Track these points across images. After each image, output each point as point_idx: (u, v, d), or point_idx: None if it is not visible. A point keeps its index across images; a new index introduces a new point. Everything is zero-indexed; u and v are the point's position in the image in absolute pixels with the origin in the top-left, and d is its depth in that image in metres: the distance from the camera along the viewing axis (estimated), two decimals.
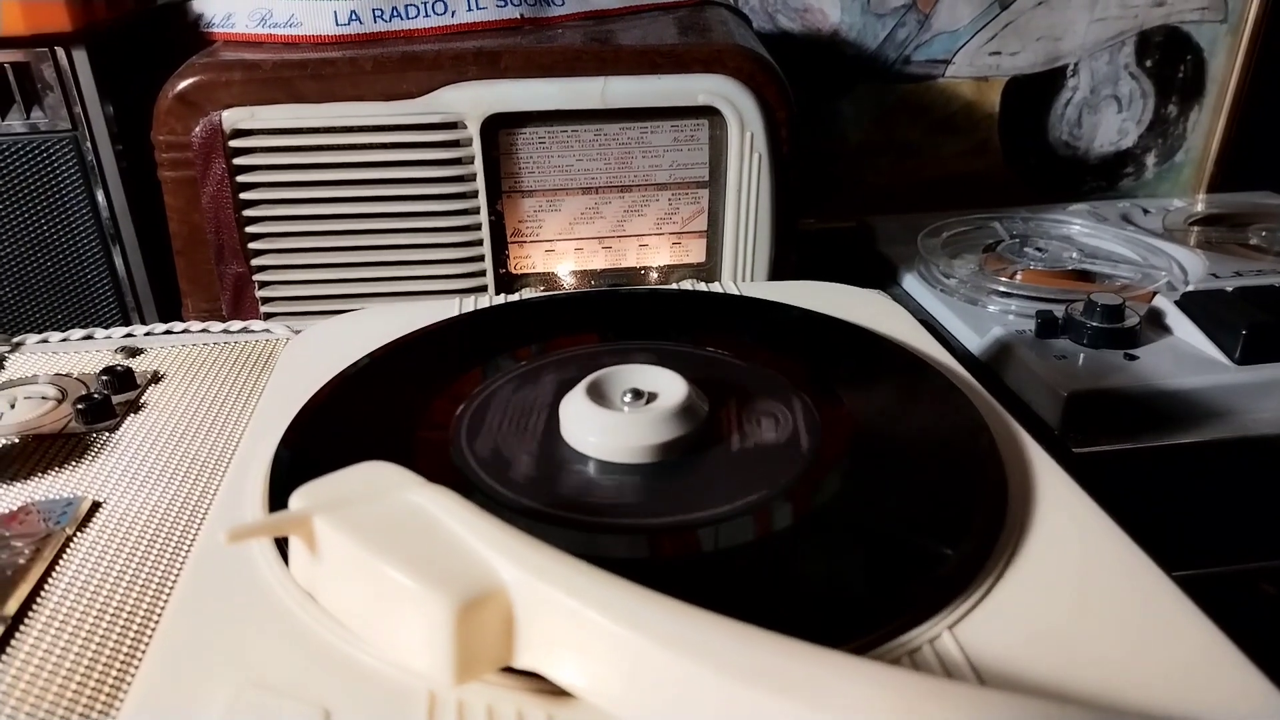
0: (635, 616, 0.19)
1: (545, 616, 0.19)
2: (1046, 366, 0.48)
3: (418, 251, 0.53)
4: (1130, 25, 0.72)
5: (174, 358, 0.39)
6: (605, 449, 0.28)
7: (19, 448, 0.33)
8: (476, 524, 0.21)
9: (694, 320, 0.38)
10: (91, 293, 0.53)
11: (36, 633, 0.25)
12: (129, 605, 0.26)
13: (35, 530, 0.29)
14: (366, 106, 0.49)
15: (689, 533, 0.26)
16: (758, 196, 0.53)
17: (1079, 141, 0.76)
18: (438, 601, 0.19)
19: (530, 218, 0.54)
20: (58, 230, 0.51)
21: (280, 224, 0.51)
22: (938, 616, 0.23)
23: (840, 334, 0.36)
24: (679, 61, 0.51)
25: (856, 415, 0.31)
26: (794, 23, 0.70)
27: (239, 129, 0.49)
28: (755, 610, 0.19)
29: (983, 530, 0.25)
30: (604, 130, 0.52)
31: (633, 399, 0.29)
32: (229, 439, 0.34)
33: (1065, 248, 0.63)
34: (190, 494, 0.31)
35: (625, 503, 0.27)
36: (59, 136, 0.49)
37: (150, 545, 0.28)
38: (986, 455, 0.28)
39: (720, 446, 0.29)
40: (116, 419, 0.35)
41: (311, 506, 0.21)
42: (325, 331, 0.37)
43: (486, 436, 0.30)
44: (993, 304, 0.57)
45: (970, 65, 0.72)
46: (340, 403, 0.31)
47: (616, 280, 0.56)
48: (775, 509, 0.26)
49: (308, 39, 0.51)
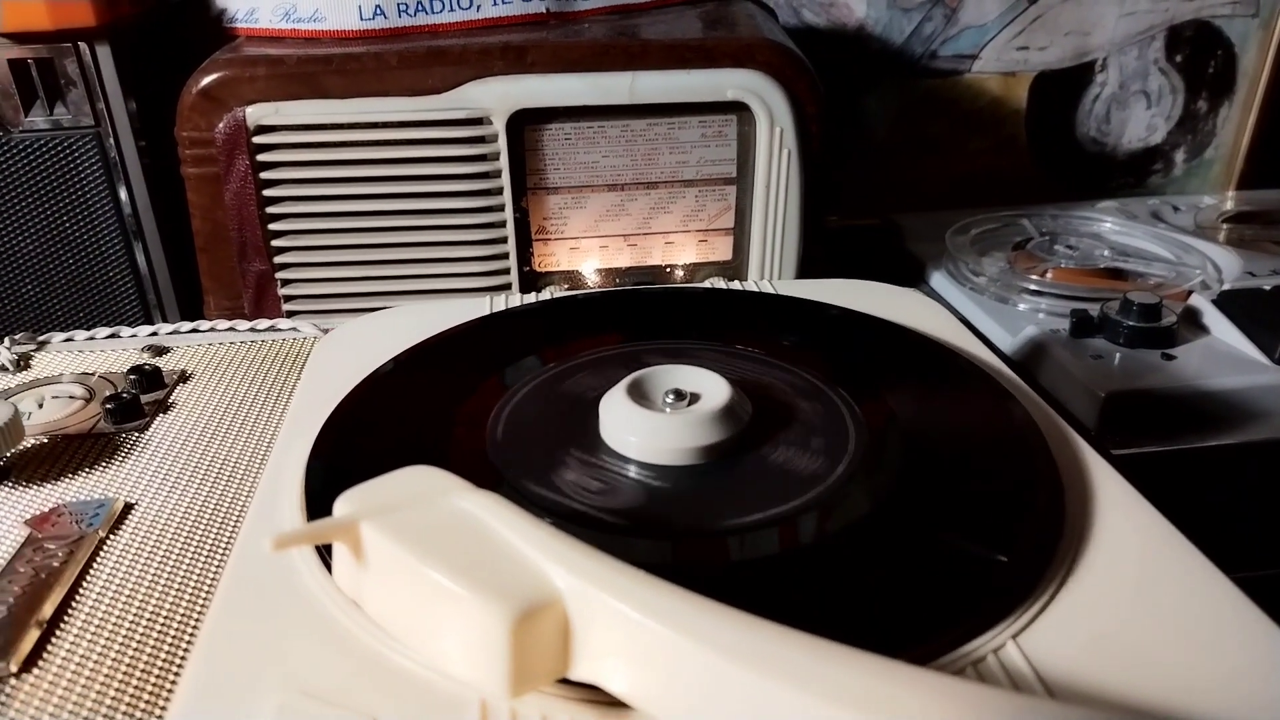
0: (698, 627, 0.18)
1: (603, 626, 0.19)
2: (1083, 366, 0.48)
3: (441, 249, 0.52)
4: (1160, 20, 0.71)
5: (201, 357, 0.39)
6: (647, 450, 0.28)
7: (48, 448, 0.33)
8: (528, 530, 0.20)
9: (731, 319, 0.38)
10: (114, 290, 0.52)
11: (73, 637, 0.25)
12: (165, 609, 0.26)
13: (68, 532, 0.28)
14: (391, 102, 0.49)
15: (736, 538, 0.25)
16: (787, 193, 0.52)
17: (1107, 138, 0.75)
18: (494, 612, 0.18)
19: (555, 215, 0.53)
20: (80, 227, 0.51)
21: (303, 221, 0.51)
22: (1001, 625, 0.22)
23: (883, 334, 0.36)
24: (708, 56, 0.50)
25: (904, 417, 0.30)
26: (819, 17, 0.69)
27: (263, 125, 0.48)
28: (810, 619, 0.19)
29: (1042, 536, 0.25)
30: (631, 126, 0.51)
31: (674, 400, 0.29)
32: (260, 439, 0.33)
33: (1096, 245, 0.62)
34: (223, 496, 0.30)
35: (669, 506, 0.26)
36: (82, 133, 0.49)
37: (185, 548, 0.28)
38: (1041, 459, 0.28)
39: (765, 449, 0.28)
40: (145, 419, 0.34)
41: (357, 512, 0.21)
42: (354, 331, 0.37)
43: (524, 437, 0.29)
44: (1023, 302, 0.56)
45: (998, 60, 0.71)
46: (373, 404, 0.31)
47: (641, 278, 0.56)
48: (826, 514, 0.26)
49: (332, 34, 0.51)
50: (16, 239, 0.50)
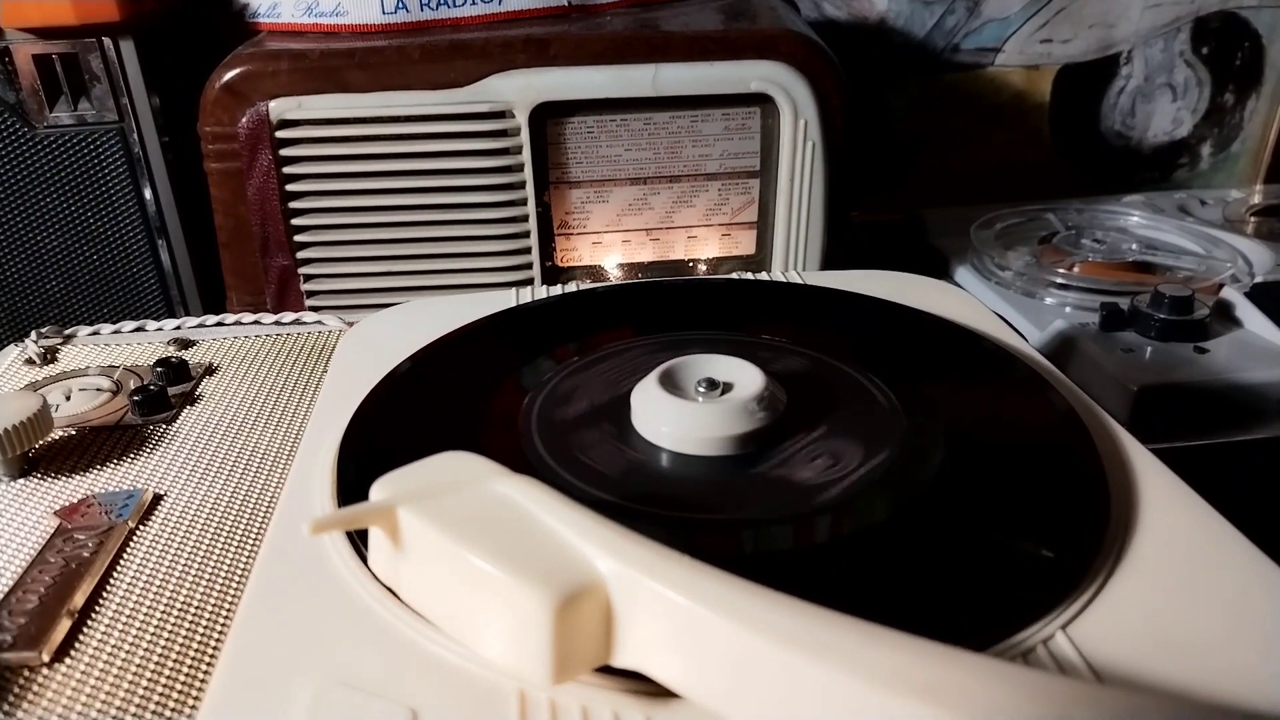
0: (747, 611, 0.18)
1: (647, 612, 0.18)
2: (1114, 360, 0.47)
3: (464, 244, 0.52)
4: (1186, 11, 0.70)
5: (226, 349, 0.39)
6: (681, 440, 0.27)
7: (76, 439, 0.33)
8: (568, 515, 0.20)
9: (760, 310, 0.37)
10: (137, 285, 0.52)
11: (104, 627, 0.24)
12: (196, 600, 0.25)
13: (98, 523, 0.28)
14: (414, 96, 0.48)
15: (774, 528, 0.25)
16: (811, 186, 0.52)
17: (1132, 131, 0.74)
18: (535, 597, 0.18)
19: (578, 209, 0.53)
20: (104, 222, 0.51)
21: (326, 215, 0.50)
22: (1050, 616, 0.21)
23: (917, 324, 0.35)
24: (731, 48, 0.49)
25: (941, 408, 0.29)
26: (840, 10, 0.69)
27: (286, 119, 0.48)
28: (857, 608, 0.18)
29: (1088, 526, 0.24)
30: (654, 119, 0.51)
31: (707, 389, 0.28)
32: (287, 431, 0.33)
33: (1123, 239, 0.61)
34: (252, 487, 0.30)
35: (707, 495, 0.26)
36: (106, 128, 0.49)
37: (215, 538, 0.28)
38: (1084, 448, 0.27)
39: (801, 439, 0.28)
40: (172, 411, 0.34)
41: (395, 497, 0.20)
42: (380, 323, 0.37)
43: (554, 427, 0.29)
44: (1050, 296, 0.55)
45: (1021, 53, 0.70)
46: (403, 394, 0.31)
47: (664, 273, 0.55)
48: (869, 504, 0.25)
49: (354, 28, 0.50)
50: (41, 234, 0.50)
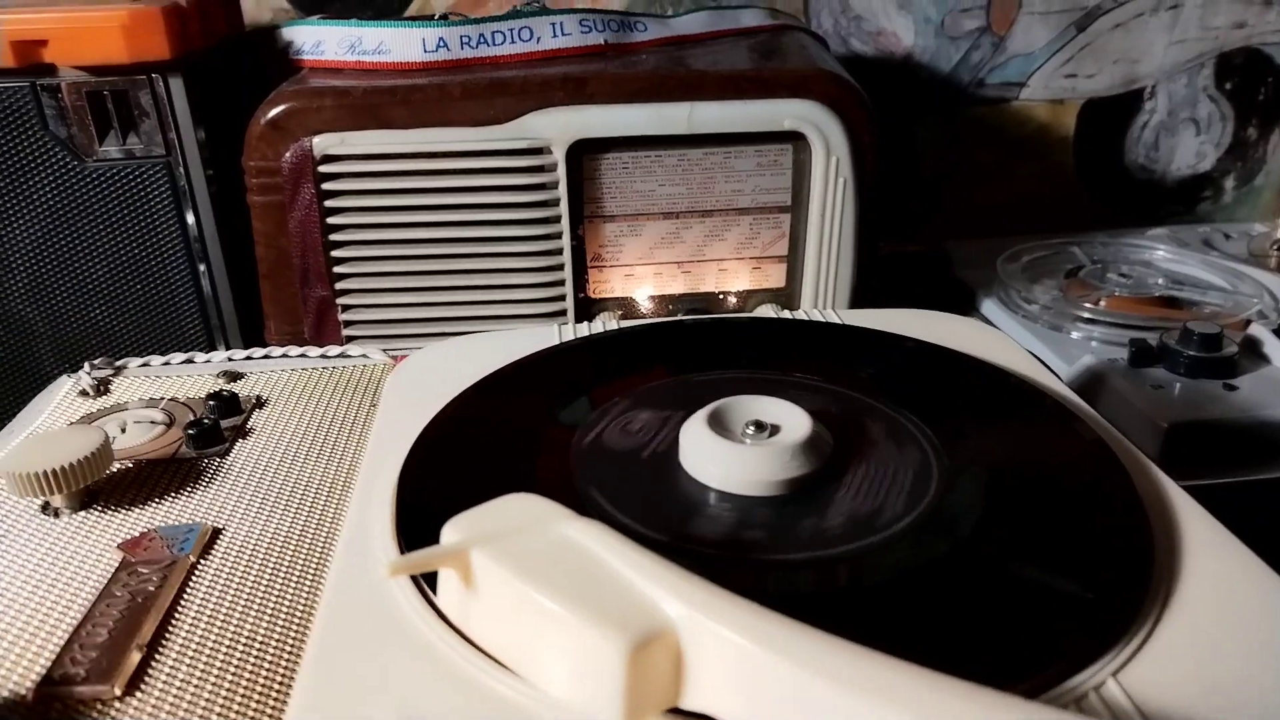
0: (811, 656, 0.18)
1: (715, 656, 0.19)
2: (1143, 396, 0.47)
3: (500, 276, 0.53)
4: (1210, 47, 0.71)
5: (274, 382, 0.40)
6: (731, 481, 0.28)
7: (133, 473, 0.33)
8: (635, 558, 0.20)
9: (801, 349, 0.38)
10: (178, 313, 0.54)
11: (172, 660, 0.25)
12: (260, 634, 0.26)
13: (161, 557, 0.29)
14: (454, 132, 0.49)
15: (822, 570, 0.25)
16: (841, 221, 0.52)
17: (1156, 165, 0.75)
18: (610, 641, 0.18)
19: (611, 242, 0.54)
20: (148, 253, 0.52)
21: (365, 248, 0.51)
22: (1100, 662, 0.22)
23: (955, 365, 0.36)
24: (765, 86, 0.50)
25: (983, 450, 0.30)
26: (867, 46, 0.70)
27: (329, 154, 0.49)
28: (910, 652, 0.19)
29: (1134, 571, 0.25)
30: (687, 155, 0.52)
31: (755, 431, 0.29)
32: (339, 464, 0.34)
33: (1149, 274, 0.61)
34: (309, 521, 0.31)
35: (755, 537, 0.26)
36: (153, 162, 0.50)
37: (275, 573, 0.28)
38: (1125, 492, 0.27)
39: (846, 482, 0.28)
40: (226, 444, 0.35)
41: (467, 540, 0.21)
42: (428, 359, 0.37)
43: (605, 465, 0.29)
44: (1077, 330, 0.56)
45: (1045, 88, 0.71)
46: (456, 432, 0.31)
47: (694, 305, 0.56)
48: (916, 547, 0.26)
49: (395, 65, 0.52)
50: (87, 264, 0.51)
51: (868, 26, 0.69)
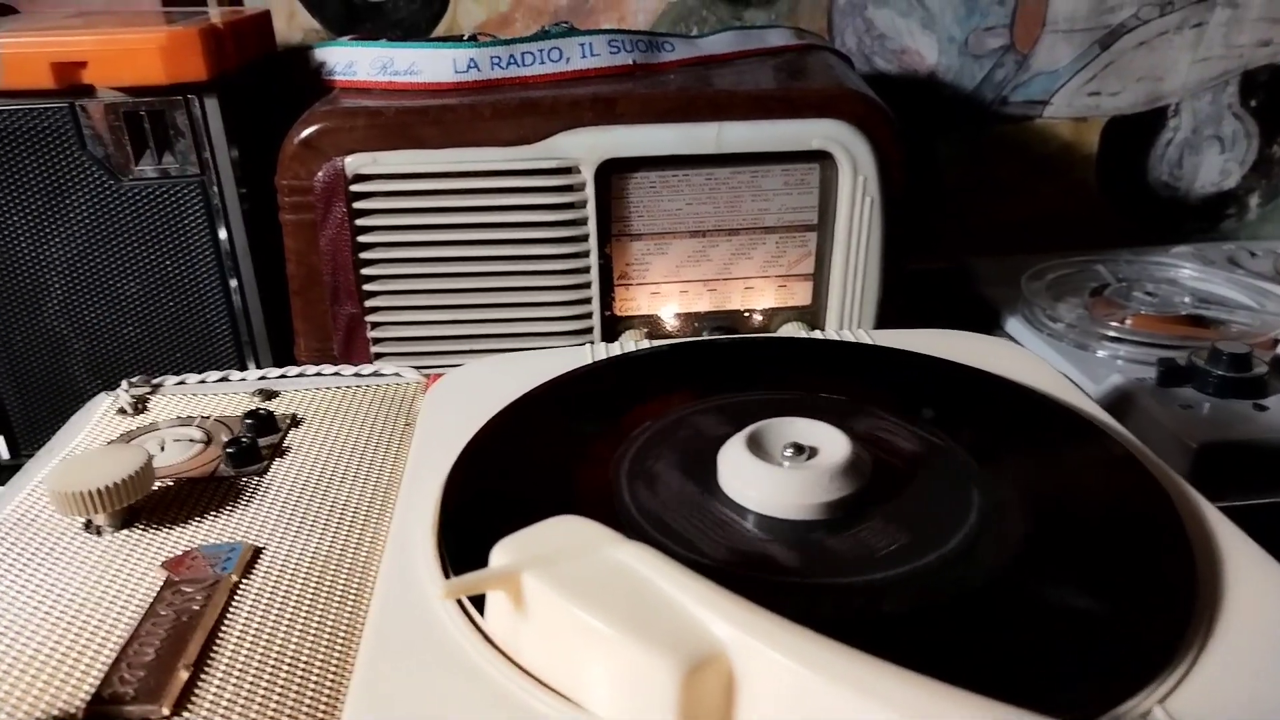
0: (863, 681, 0.18)
1: (767, 680, 0.19)
2: (1172, 416, 0.47)
3: (527, 294, 0.53)
4: (1234, 65, 0.71)
5: (309, 401, 0.40)
6: (769, 504, 0.28)
7: (173, 491, 0.34)
8: (685, 582, 0.20)
9: (835, 370, 0.38)
10: (210, 330, 0.54)
11: (219, 680, 0.25)
12: (305, 654, 0.26)
13: (203, 576, 0.29)
14: (484, 152, 0.50)
15: (869, 595, 0.25)
16: (868, 240, 0.53)
17: (1180, 182, 0.75)
18: (663, 665, 0.19)
19: (638, 260, 0.54)
20: (181, 270, 0.52)
21: (395, 266, 0.52)
22: (1146, 690, 0.22)
23: (991, 388, 0.36)
24: (793, 106, 0.51)
25: (1023, 475, 0.30)
26: (891, 64, 0.70)
27: (361, 173, 0.50)
28: (956, 679, 0.19)
29: (1178, 597, 0.25)
30: (715, 174, 0.52)
31: (793, 453, 0.29)
32: (377, 483, 0.34)
33: (1175, 292, 0.61)
34: (348, 540, 0.31)
35: (793, 560, 0.26)
36: (188, 181, 0.51)
37: (317, 593, 0.29)
38: (1167, 517, 0.27)
39: (886, 506, 0.28)
40: (263, 463, 0.35)
41: (518, 562, 0.21)
42: (462, 378, 0.38)
43: (644, 487, 0.29)
44: (1103, 349, 0.56)
45: (1069, 106, 0.71)
46: (495, 452, 0.32)
47: (720, 323, 0.56)
48: (959, 573, 0.26)
49: (427, 86, 0.52)
50: (121, 282, 0.52)
51: (891, 45, 0.70)
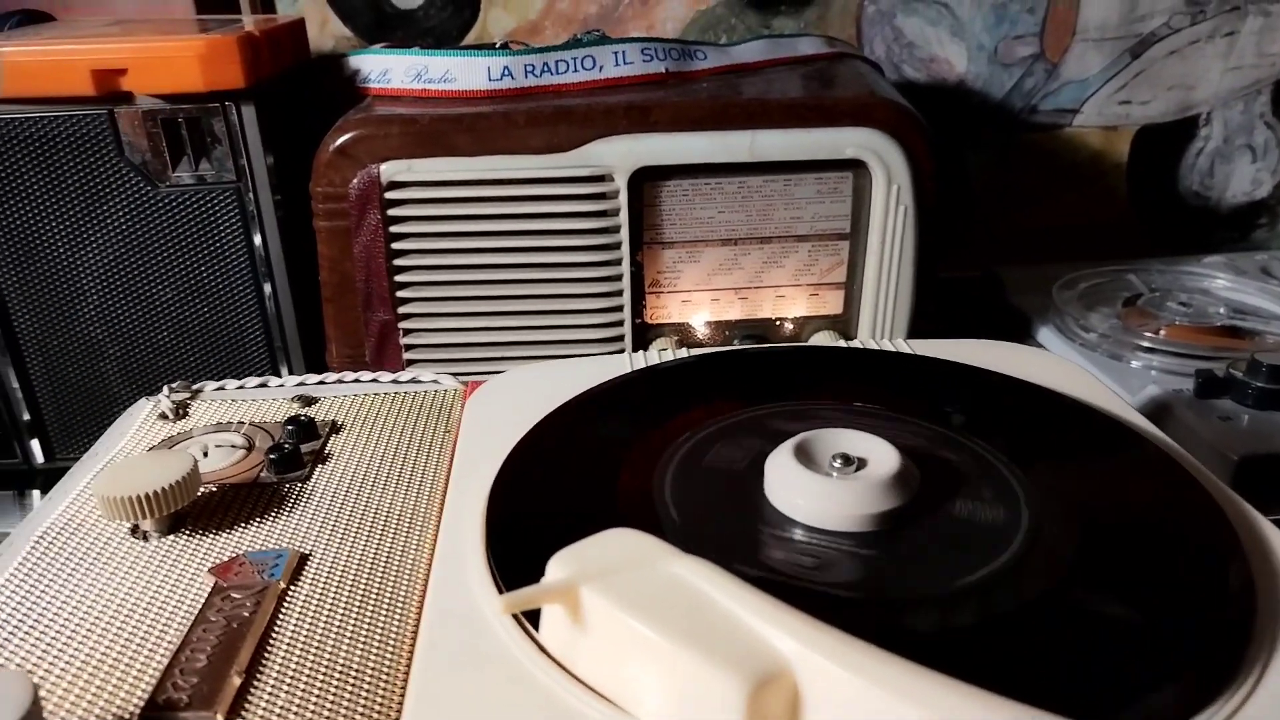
0: (931, 698, 0.18)
1: (832, 697, 0.19)
2: (1211, 428, 0.47)
3: (559, 302, 0.53)
4: (1266, 74, 0.71)
5: (347, 407, 0.40)
6: (818, 515, 0.28)
7: (217, 497, 0.34)
8: (745, 597, 0.20)
9: (877, 381, 0.38)
10: (243, 336, 0.54)
11: (271, 686, 0.25)
12: (355, 662, 0.26)
13: (252, 582, 0.29)
14: (518, 160, 0.50)
15: (918, 609, 0.25)
16: (901, 248, 0.52)
17: (1210, 192, 0.74)
18: (730, 682, 0.19)
19: (669, 269, 0.54)
20: (216, 276, 0.53)
21: (428, 273, 0.52)
22: (1213, 708, 0.22)
23: (1036, 398, 0.35)
24: (827, 115, 0.51)
25: (1071, 487, 0.30)
26: (920, 73, 0.70)
27: (395, 181, 0.50)
28: (1015, 697, 0.19)
29: (1238, 615, 0.24)
30: (747, 183, 0.52)
31: (842, 464, 0.29)
32: (419, 490, 0.34)
33: (1209, 302, 0.61)
34: (393, 547, 0.31)
35: (843, 573, 0.26)
36: (224, 188, 0.51)
37: (364, 600, 0.29)
38: (1223, 530, 0.27)
39: (935, 517, 0.28)
40: (306, 469, 0.35)
41: (575, 576, 0.21)
42: (503, 385, 0.38)
43: (690, 497, 0.29)
44: (1137, 360, 0.55)
45: (1099, 114, 0.71)
46: (538, 459, 0.32)
47: (750, 332, 0.56)
48: (1010, 587, 0.25)
49: (461, 94, 0.52)
50: (156, 287, 0.52)
51: (920, 54, 0.69)
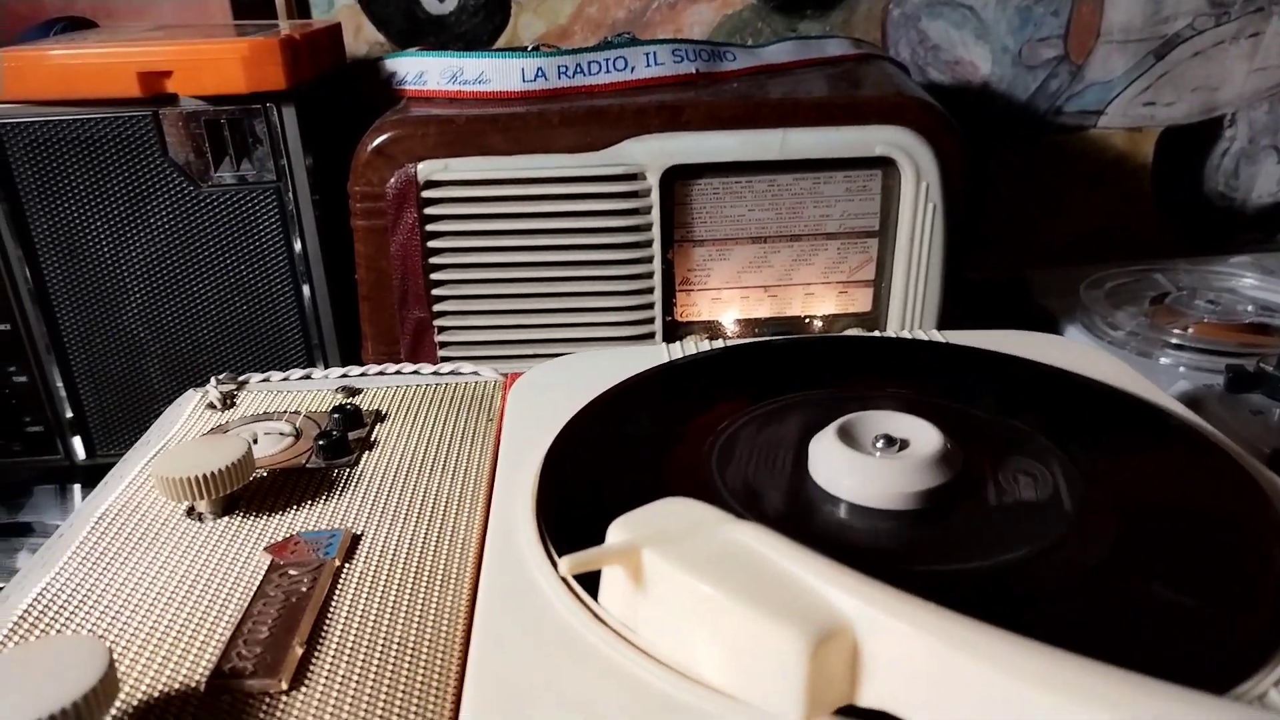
0: (993, 652, 0.19)
1: (892, 652, 0.19)
2: (1243, 422, 0.47)
3: (591, 299, 0.54)
4: None
5: (390, 398, 0.41)
6: (863, 494, 0.28)
7: (269, 481, 0.35)
8: (806, 559, 0.21)
9: (913, 368, 0.38)
10: (281, 333, 0.55)
11: (332, 656, 0.26)
12: (412, 636, 0.27)
13: (308, 560, 0.30)
14: (552, 159, 0.51)
15: (972, 581, 0.25)
16: (930, 246, 0.53)
17: (1235, 192, 0.75)
18: (792, 639, 0.19)
19: (699, 266, 0.55)
20: (255, 274, 0.54)
21: (463, 271, 0.53)
22: (1262, 672, 0.22)
23: (1073, 385, 0.36)
24: (857, 114, 0.51)
25: (1110, 468, 0.30)
26: (944, 75, 0.70)
27: (432, 180, 0.51)
28: None
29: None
30: (777, 181, 0.53)
31: (885, 445, 0.29)
32: (466, 474, 0.35)
33: (1237, 300, 0.61)
34: (443, 528, 0.32)
35: (892, 549, 0.27)
36: (265, 187, 0.52)
37: (418, 577, 0.29)
38: (1266, 509, 0.28)
39: (980, 496, 0.29)
40: (353, 455, 0.36)
41: (638, 539, 0.22)
42: (547, 374, 0.38)
43: (735, 478, 0.30)
44: (1165, 357, 0.56)
45: (1124, 116, 0.72)
46: (585, 442, 0.32)
47: (780, 329, 0.57)
48: (1057, 564, 0.26)
49: (495, 95, 0.53)
50: (198, 284, 0.53)
51: (945, 56, 0.70)
